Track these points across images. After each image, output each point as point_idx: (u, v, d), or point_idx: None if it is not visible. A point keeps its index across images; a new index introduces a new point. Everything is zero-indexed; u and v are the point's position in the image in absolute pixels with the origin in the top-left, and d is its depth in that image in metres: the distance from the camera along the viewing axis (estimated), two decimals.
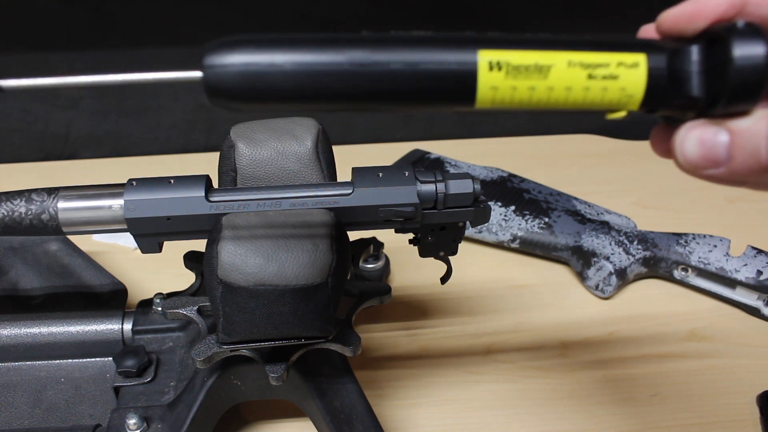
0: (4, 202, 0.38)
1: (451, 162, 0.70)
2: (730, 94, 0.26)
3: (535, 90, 0.26)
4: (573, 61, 0.26)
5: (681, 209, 0.68)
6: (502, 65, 0.26)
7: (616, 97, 0.27)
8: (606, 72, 0.26)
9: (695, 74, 0.27)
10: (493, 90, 0.26)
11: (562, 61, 0.26)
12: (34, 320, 0.46)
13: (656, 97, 0.27)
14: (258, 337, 0.36)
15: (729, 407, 0.49)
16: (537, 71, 0.26)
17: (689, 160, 0.27)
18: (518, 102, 0.26)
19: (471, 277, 0.60)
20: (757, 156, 0.25)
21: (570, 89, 0.26)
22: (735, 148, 0.26)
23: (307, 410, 0.44)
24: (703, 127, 0.26)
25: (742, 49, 0.25)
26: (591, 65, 0.26)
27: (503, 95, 0.26)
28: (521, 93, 0.26)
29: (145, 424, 0.41)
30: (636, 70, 0.26)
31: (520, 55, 0.26)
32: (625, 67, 0.26)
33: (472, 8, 0.76)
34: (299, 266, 0.35)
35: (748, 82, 0.25)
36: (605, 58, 0.26)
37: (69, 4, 0.70)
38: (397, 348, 0.54)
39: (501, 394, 0.50)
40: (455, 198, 0.38)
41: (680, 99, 0.27)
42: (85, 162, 0.78)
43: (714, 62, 0.26)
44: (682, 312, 0.57)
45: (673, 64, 0.27)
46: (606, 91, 0.26)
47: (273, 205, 0.37)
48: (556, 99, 0.26)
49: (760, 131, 0.25)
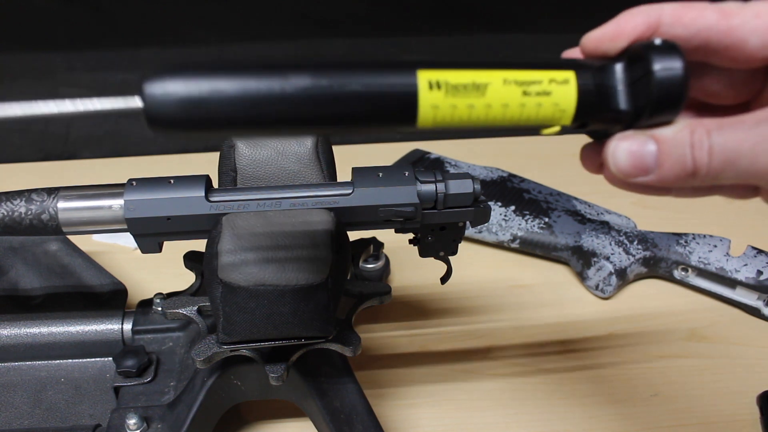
0: (4, 202, 0.38)
1: (451, 162, 0.70)
2: (653, 106, 0.27)
3: (474, 108, 0.27)
4: (508, 79, 0.27)
5: (681, 209, 0.68)
6: (441, 84, 0.26)
7: (550, 112, 0.28)
8: (539, 88, 0.27)
9: (620, 89, 0.28)
10: (434, 109, 0.26)
11: (498, 79, 0.27)
12: (34, 320, 0.46)
13: (586, 112, 0.28)
14: (258, 337, 0.36)
15: (729, 407, 0.49)
16: (475, 89, 0.27)
17: (621, 169, 0.28)
18: (458, 120, 0.27)
19: (471, 277, 0.60)
20: (683, 163, 0.27)
21: (507, 106, 0.27)
22: (663, 156, 0.27)
23: (307, 410, 0.44)
24: (632, 138, 0.28)
25: (662, 64, 0.27)
26: (525, 82, 0.27)
27: (444, 114, 0.27)
28: (461, 111, 0.27)
29: (145, 424, 0.41)
30: (567, 86, 0.28)
31: (458, 75, 0.27)
32: (556, 83, 0.28)
33: (471, 8, 0.76)
34: (299, 266, 0.35)
35: (669, 94, 0.27)
36: (538, 76, 0.28)
37: (69, 4, 0.70)
38: (397, 348, 0.54)
39: (501, 394, 0.50)
40: (455, 198, 0.38)
41: (608, 113, 0.28)
42: (85, 162, 0.78)
43: (637, 77, 0.28)
44: (682, 312, 0.57)
45: (599, 80, 0.28)
46: (540, 107, 0.28)
47: (273, 205, 0.36)
48: (494, 116, 0.27)
49: (684, 139, 0.27)
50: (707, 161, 0.27)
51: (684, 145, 0.27)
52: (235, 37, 0.76)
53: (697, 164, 0.27)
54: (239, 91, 0.24)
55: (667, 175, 0.28)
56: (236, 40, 0.76)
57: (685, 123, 0.28)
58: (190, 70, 0.24)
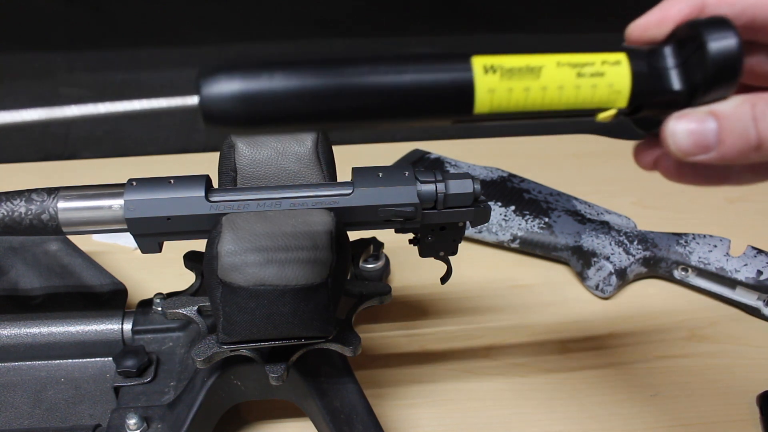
0: (4, 202, 0.37)
1: (451, 162, 0.70)
2: (709, 81, 0.27)
3: (530, 91, 0.27)
4: (561, 61, 0.27)
5: (681, 209, 0.68)
6: (496, 68, 0.27)
7: (606, 93, 0.28)
8: (593, 70, 0.27)
9: (672, 70, 0.28)
10: (491, 93, 0.27)
11: (551, 62, 0.27)
12: (34, 320, 0.46)
13: (641, 93, 0.28)
14: (258, 337, 0.36)
15: (729, 407, 0.49)
16: (529, 72, 0.27)
17: (681, 147, 0.28)
18: (515, 104, 0.27)
19: (471, 277, 0.60)
20: (746, 136, 0.27)
21: (562, 88, 0.27)
22: (724, 132, 0.27)
23: (307, 410, 0.44)
24: (691, 115, 0.28)
25: (715, 37, 0.27)
26: (578, 64, 0.27)
27: (500, 98, 0.27)
28: (517, 94, 0.27)
29: (145, 424, 0.41)
30: (620, 67, 0.28)
31: (512, 59, 0.27)
32: (609, 64, 0.28)
33: (472, 8, 0.76)
34: (299, 266, 0.35)
35: (725, 68, 0.27)
36: (590, 58, 0.28)
37: (69, 4, 0.70)
38: (397, 348, 0.54)
39: (501, 394, 0.50)
40: (455, 198, 0.38)
41: (663, 94, 0.28)
42: (85, 162, 0.78)
43: (688, 55, 0.27)
44: (682, 312, 0.57)
45: (651, 62, 0.28)
46: (596, 88, 0.28)
47: (273, 205, 0.37)
48: (551, 99, 0.27)
49: (746, 112, 0.27)
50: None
51: (746, 118, 0.27)
52: (235, 37, 0.76)
53: (761, 136, 0.26)
54: (297, 88, 0.25)
55: (728, 151, 0.27)
56: (236, 40, 0.76)
57: (743, 97, 0.27)
58: (246, 67, 0.25)
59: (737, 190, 0.69)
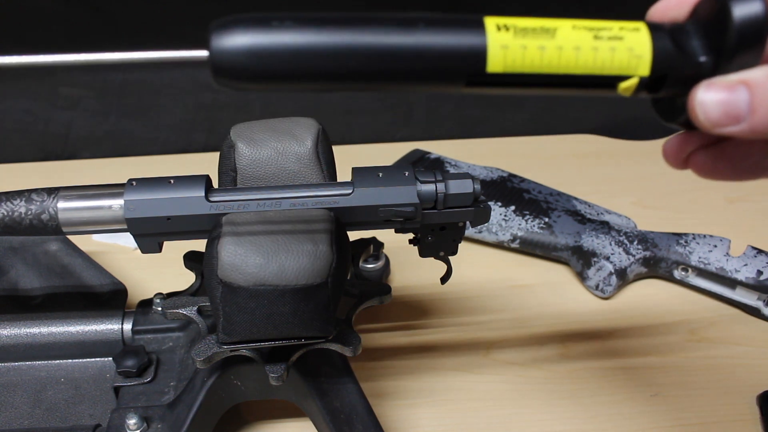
0: (4, 202, 0.37)
1: (451, 162, 0.70)
2: (735, 48, 0.26)
3: (545, 50, 0.26)
4: (577, 25, 0.27)
5: (681, 209, 0.68)
6: (509, 27, 0.26)
7: (626, 58, 0.27)
8: (610, 33, 0.27)
9: (696, 42, 0.27)
10: (504, 49, 0.26)
11: (566, 25, 0.27)
12: (34, 320, 0.46)
13: (664, 60, 0.27)
14: (258, 337, 0.36)
15: (729, 407, 0.49)
16: (544, 32, 0.26)
17: (710, 117, 0.26)
18: (530, 64, 0.26)
19: (471, 277, 0.60)
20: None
21: (579, 49, 0.26)
22: (756, 100, 0.26)
23: (307, 410, 0.44)
24: (720, 83, 0.26)
25: (741, 3, 0.26)
26: (595, 28, 0.27)
27: (514, 56, 0.26)
28: (532, 53, 0.26)
29: (145, 424, 0.41)
30: (639, 33, 0.27)
31: (525, 20, 0.26)
32: (627, 30, 0.27)
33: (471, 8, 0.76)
34: (299, 266, 0.35)
35: (751, 33, 0.26)
36: (607, 24, 0.27)
37: (69, 4, 0.70)
38: (397, 348, 0.54)
39: (501, 394, 0.50)
40: (455, 198, 0.38)
41: (686, 66, 0.27)
42: (85, 162, 0.78)
43: (712, 27, 0.27)
44: (682, 312, 0.57)
45: (673, 34, 0.27)
46: (615, 51, 0.27)
47: (273, 205, 0.36)
48: (567, 60, 0.26)
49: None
50: None
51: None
52: None
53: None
54: (306, 44, 0.25)
55: (760, 121, 0.26)
56: None
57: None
58: (258, 22, 0.25)
59: (737, 190, 0.69)
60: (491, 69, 0.26)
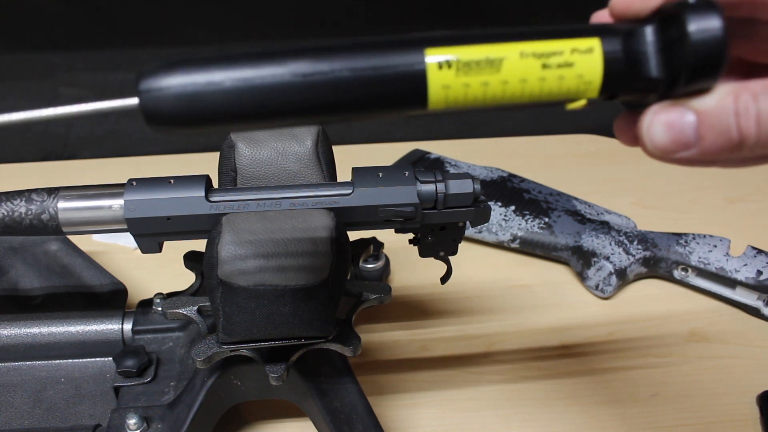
0: (4, 202, 0.37)
1: (451, 162, 0.70)
2: (690, 72, 0.24)
3: (489, 85, 0.25)
4: (525, 51, 0.25)
5: (681, 209, 0.68)
6: (451, 63, 0.25)
7: (574, 85, 0.26)
8: (560, 60, 0.25)
9: (652, 54, 0.25)
10: (445, 89, 0.25)
11: (513, 52, 0.25)
12: (34, 320, 0.46)
13: (615, 82, 0.26)
14: (258, 337, 0.36)
15: (729, 407, 0.49)
16: (489, 65, 0.25)
17: (658, 146, 0.26)
18: (473, 100, 0.25)
19: (471, 277, 0.60)
20: (728, 133, 0.24)
21: (525, 81, 0.25)
22: (703, 128, 0.25)
23: (307, 410, 0.44)
24: (668, 109, 0.25)
25: (698, 24, 0.24)
26: (544, 54, 0.25)
27: (456, 94, 0.25)
28: (475, 90, 0.25)
29: (145, 424, 0.41)
30: (591, 56, 0.25)
31: (470, 50, 0.25)
32: (579, 53, 0.25)
33: (472, 7, 0.76)
34: (299, 266, 0.35)
35: (707, 58, 0.24)
36: (558, 46, 0.25)
37: (69, 4, 0.70)
38: (397, 348, 0.54)
39: (501, 394, 0.50)
40: (455, 198, 0.38)
41: (639, 82, 0.26)
42: (85, 162, 0.78)
43: (670, 40, 0.25)
44: (682, 312, 0.57)
45: (628, 46, 0.26)
46: (563, 79, 0.25)
47: (273, 205, 0.36)
48: (512, 93, 0.25)
49: (728, 107, 0.24)
50: (755, 130, 0.24)
51: (727, 114, 0.24)
52: (235, 37, 0.76)
53: (743, 134, 0.24)
54: (236, 82, 0.24)
55: (709, 149, 0.25)
56: (236, 40, 0.76)
57: (727, 89, 0.25)
58: (186, 64, 0.24)
59: (737, 190, 0.69)
60: (433, 107, 0.25)
